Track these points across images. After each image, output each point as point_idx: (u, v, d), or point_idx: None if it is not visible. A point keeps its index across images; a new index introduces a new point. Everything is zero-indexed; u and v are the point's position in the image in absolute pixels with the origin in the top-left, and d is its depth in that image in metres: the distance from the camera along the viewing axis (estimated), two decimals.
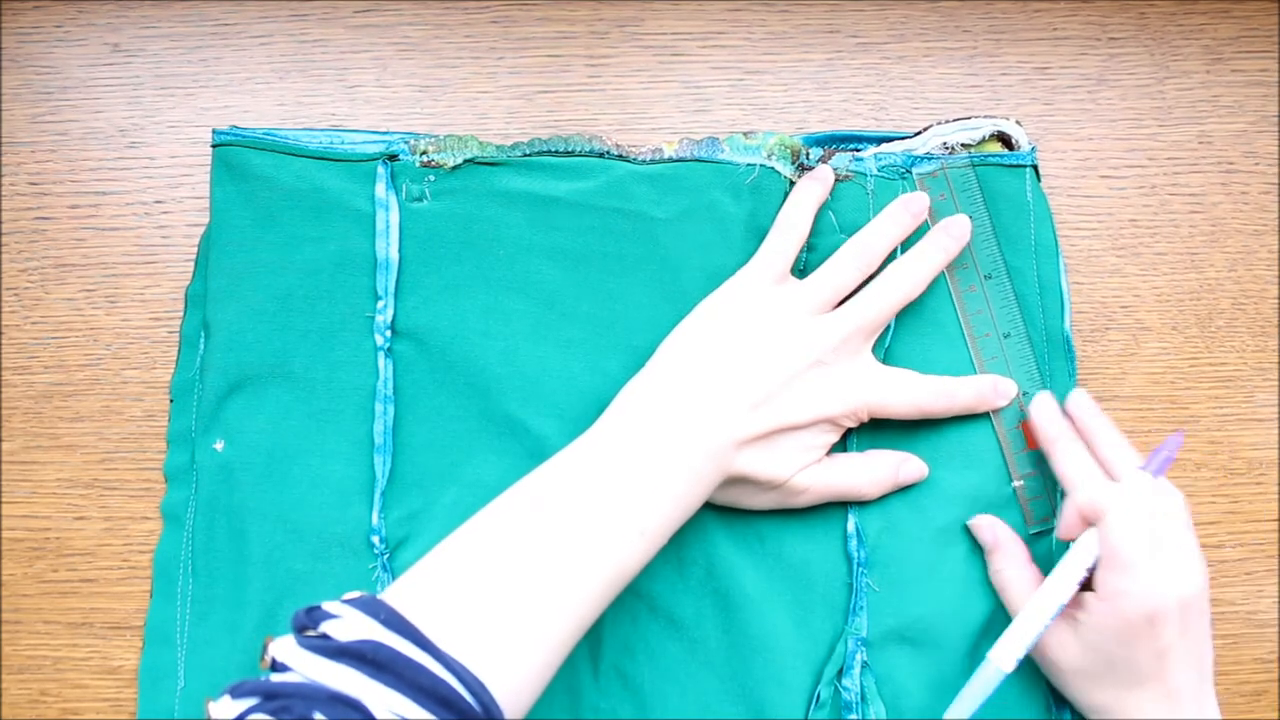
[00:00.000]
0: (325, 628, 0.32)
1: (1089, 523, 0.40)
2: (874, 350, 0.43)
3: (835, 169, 0.44)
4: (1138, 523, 0.38)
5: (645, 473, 0.38)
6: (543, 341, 0.44)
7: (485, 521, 0.37)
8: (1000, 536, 0.43)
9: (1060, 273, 0.45)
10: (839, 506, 0.43)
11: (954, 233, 0.43)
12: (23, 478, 0.46)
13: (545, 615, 0.34)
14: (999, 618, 0.42)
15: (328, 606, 0.33)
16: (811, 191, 0.44)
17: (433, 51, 0.48)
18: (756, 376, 0.40)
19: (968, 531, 0.43)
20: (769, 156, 0.44)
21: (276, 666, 0.32)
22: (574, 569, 0.35)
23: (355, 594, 0.34)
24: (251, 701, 0.30)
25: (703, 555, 0.43)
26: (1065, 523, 0.41)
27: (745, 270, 0.43)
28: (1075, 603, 0.40)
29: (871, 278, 0.43)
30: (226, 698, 0.31)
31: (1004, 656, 0.39)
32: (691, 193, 0.44)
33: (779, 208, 0.44)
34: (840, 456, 0.43)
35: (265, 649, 0.32)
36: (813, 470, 0.42)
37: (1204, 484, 0.46)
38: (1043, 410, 0.43)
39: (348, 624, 0.32)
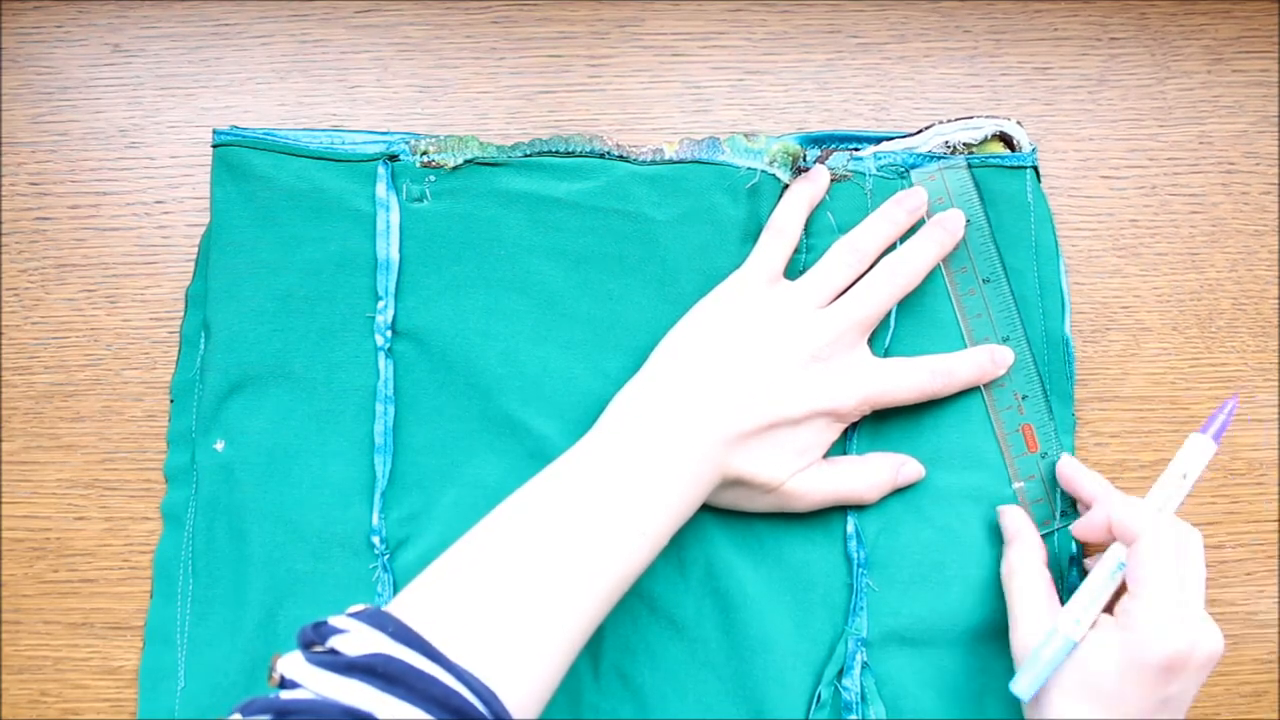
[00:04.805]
0: (333, 643, 0.32)
1: (1116, 538, 0.39)
2: (874, 351, 0.43)
3: (833, 169, 0.44)
4: (1168, 558, 0.37)
5: (644, 474, 0.38)
6: (543, 342, 0.44)
7: (486, 530, 0.37)
8: (1022, 529, 0.42)
9: (1061, 274, 0.45)
10: (838, 507, 0.43)
11: (948, 226, 0.43)
12: (23, 478, 0.46)
13: (551, 620, 0.34)
14: (999, 618, 0.42)
15: (334, 621, 0.32)
16: (803, 193, 0.44)
17: (433, 52, 0.48)
18: (752, 374, 0.40)
19: (967, 532, 0.43)
20: (770, 163, 0.44)
21: (285, 684, 0.31)
22: (577, 572, 0.35)
23: (360, 607, 0.33)
24: None
25: (703, 556, 0.43)
26: (1090, 526, 0.40)
27: (739, 272, 0.43)
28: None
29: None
30: (237, 716, 0.30)
31: (1072, 626, 0.38)
32: (691, 195, 0.44)
33: None
34: (839, 460, 0.43)
35: (273, 667, 0.32)
36: (811, 474, 0.42)
37: (1204, 484, 0.46)
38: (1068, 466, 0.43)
39: (356, 638, 0.32)
